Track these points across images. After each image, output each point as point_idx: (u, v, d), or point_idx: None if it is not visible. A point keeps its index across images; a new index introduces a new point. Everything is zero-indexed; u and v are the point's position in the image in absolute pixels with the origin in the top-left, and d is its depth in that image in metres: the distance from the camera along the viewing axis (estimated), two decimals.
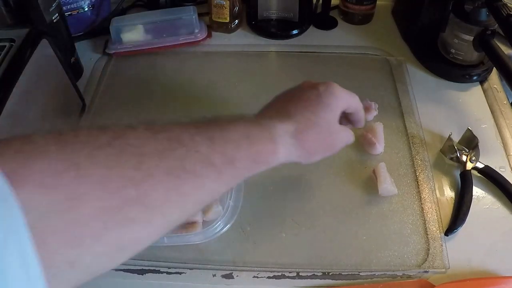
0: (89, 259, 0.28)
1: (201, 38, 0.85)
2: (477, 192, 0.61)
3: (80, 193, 0.27)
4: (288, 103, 0.45)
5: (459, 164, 0.63)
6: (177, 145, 0.33)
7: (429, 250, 0.55)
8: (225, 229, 0.52)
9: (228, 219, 0.53)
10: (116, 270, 0.55)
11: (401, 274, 0.54)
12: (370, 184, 0.62)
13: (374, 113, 0.70)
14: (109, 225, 0.28)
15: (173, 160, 0.32)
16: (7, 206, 0.24)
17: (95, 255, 0.29)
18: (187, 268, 0.55)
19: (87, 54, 0.84)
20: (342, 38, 0.88)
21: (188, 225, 0.55)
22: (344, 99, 0.48)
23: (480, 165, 0.62)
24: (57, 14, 0.71)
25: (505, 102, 0.74)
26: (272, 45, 0.87)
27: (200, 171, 0.33)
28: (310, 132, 0.44)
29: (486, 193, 0.61)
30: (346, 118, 0.52)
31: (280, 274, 0.54)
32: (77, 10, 0.85)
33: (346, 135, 0.49)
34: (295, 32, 0.88)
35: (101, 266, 0.30)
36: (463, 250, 0.56)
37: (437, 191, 0.61)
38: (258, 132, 0.40)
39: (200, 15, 0.86)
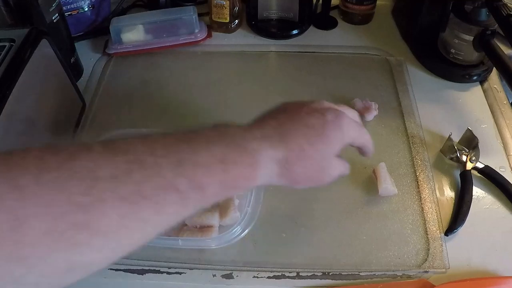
0: (34, 278, 0.28)
1: (201, 38, 0.85)
2: (477, 192, 0.61)
3: (23, 215, 0.27)
4: (288, 123, 0.41)
5: (459, 164, 0.63)
6: (138, 168, 0.31)
7: (429, 250, 0.55)
8: (242, 234, 0.52)
9: (245, 225, 0.52)
10: (116, 270, 0.55)
11: (401, 274, 0.54)
12: (370, 184, 0.62)
13: (374, 113, 0.70)
14: (55, 247, 0.28)
15: (130, 185, 0.30)
16: None
17: (40, 275, 0.29)
18: (187, 268, 0.55)
19: (87, 54, 0.84)
20: (342, 38, 0.88)
21: (204, 229, 0.54)
22: (350, 134, 0.44)
23: (480, 165, 0.62)
24: (57, 14, 0.71)
25: (505, 102, 0.74)
26: (272, 45, 0.87)
27: (161, 196, 0.32)
28: (300, 163, 0.40)
29: (486, 193, 0.61)
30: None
31: (280, 274, 0.54)
32: (77, 10, 0.85)
33: (338, 170, 0.45)
34: (295, 32, 0.88)
35: (49, 284, 0.30)
36: (463, 250, 0.56)
37: (437, 191, 0.61)
38: (237, 156, 0.36)
39: (200, 15, 0.86)
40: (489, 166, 0.62)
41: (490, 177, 0.62)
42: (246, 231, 0.52)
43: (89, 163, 0.30)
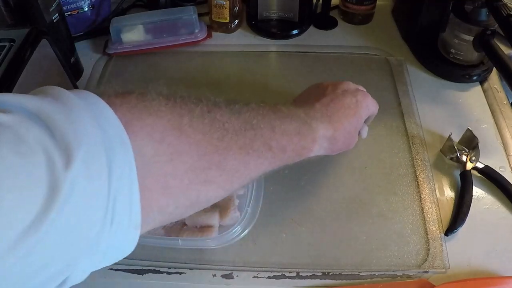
0: (172, 208, 0.33)
1: (201, 38, 0.85)
2: (477, 192, 0.61)
3: (179, 151, 0.32)
4: (330, 104, 0.51)
5: (459, 164, 0.63)
6: (249, 127, 0.40)
7: (429, 250, 0.55)
8: (242, 235, 0.52)
9: (245, 225, 0.52)
10: (116, 270, 0.55)
11: (401, 274, 0.54)
12: (370, 184, 0.62)
13: None
14: (193, 181, 0.34)
15: (245, 139, 0.39)
16: (125, 148, 0.29)
17: (177, 206, 0.34)
18: (187, 268, 0.55)
19: (87, 54, 0.84)
20: (342, 38, 0.88)
21: (204, 229, 0.54)
22: (371, 111, 0.56)
23: (480, 165, 0.62)
24: (57, 14, 0.71)
25: (505, 102, 0.74)
26: (272, 45, 0.87)
27: (262, 152, 0.40)
28: (341, 138, 0.51)
29: (486, 193, 0.61)
30: None
31: (280, 274, 0.54)
32: (77, 10, 0.85)
33: (357, 139, 0.56)
34: (295, 32, 0.88)
35: (177, 216, 0.35)
36: (463, 250, 0.56)
37: (437, 191, 0.61)
38: (306, 131, 0.46)
39: (200, 15, 0.86)
40: (489, 166, 0.62)
41: (490, 177, 0.62)
42: (246, 231, 0.53)
43: (221, 116, 0.38)
